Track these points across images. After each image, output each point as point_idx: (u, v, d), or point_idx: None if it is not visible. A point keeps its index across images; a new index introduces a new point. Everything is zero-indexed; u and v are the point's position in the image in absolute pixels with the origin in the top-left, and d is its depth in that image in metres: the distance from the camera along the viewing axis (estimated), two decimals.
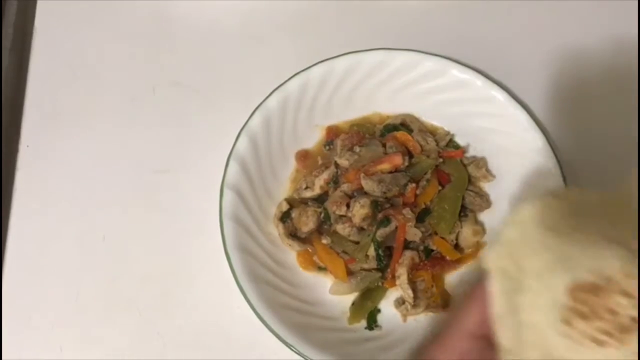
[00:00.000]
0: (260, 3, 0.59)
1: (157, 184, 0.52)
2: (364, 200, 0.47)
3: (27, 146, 0.54)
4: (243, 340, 0.48)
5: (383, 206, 0.48)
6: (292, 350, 0.43)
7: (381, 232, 0.47)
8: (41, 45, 0.58)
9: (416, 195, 0.48)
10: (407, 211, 0.47)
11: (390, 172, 0.49)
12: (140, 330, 0.49)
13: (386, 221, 0.47)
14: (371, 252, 0.48)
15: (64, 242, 0.51)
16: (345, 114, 0.54)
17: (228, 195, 0.48)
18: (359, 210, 0.47)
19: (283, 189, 0.52)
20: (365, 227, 0.48)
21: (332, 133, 0.53)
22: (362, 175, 0.48)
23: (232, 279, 0.45)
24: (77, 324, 0.49)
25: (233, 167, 0.48)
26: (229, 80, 0.56)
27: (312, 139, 0.54)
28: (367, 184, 0.48)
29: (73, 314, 0.49)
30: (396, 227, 0.47)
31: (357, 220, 0.47)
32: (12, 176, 0.53)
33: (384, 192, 0.48)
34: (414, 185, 0.48)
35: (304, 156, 0.53)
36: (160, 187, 0.52)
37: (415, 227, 0.47)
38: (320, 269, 0.50)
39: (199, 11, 0.59)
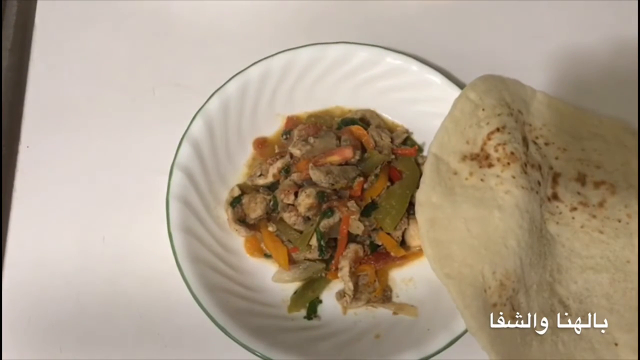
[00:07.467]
0: (260, 3, 0.59)
1: (157, 184, 0.52)
2: (310, 190, 0.47)
3: (27, 147, 0.54)
4: None
5: (330, 197, 0.48)
6: (225, 333, 0.43)
7: (325, 223, 0.47)
8: (41, 45, 0.58)
9: (363, 189, 0.49)
10: (351, 204, 0.47)
11: (340, 165, 0.49)
12: (140, 330, 0.49)
13: (330, 212, 0.47)
14: (314, 242, 0.48)
15: (64, 242, 0.51)
16: (307, 105, 0.54)
17: (177, 175, 0.48)
18: (305, 199, 0.47)
19: (238, 175, 0.52)
20: (310, 217, 0.48)
21: (292, 123, 0.53)
22: (310, 165, 0.48)
23: None
24: (77, 324, 0.49)
25: (185, 148, 0.49)
26: None
27: (273, 127, 0.54)
28: (315, 174, 0.48)
29: (73, 314, 0.49)
30: (340, 219, 0.47)
31: (302, 209, 0.47)
32: (12, 177, 0.53)
33: (332, 184, 0.48)
34: (362, 179, 0.49)
35: (261, 143, 0.53)
36: (160, 187, 0.52)
37: (360, 220, 0.47)
38: (267, 256, 0.50)
39: (199, 11, 0.59)
